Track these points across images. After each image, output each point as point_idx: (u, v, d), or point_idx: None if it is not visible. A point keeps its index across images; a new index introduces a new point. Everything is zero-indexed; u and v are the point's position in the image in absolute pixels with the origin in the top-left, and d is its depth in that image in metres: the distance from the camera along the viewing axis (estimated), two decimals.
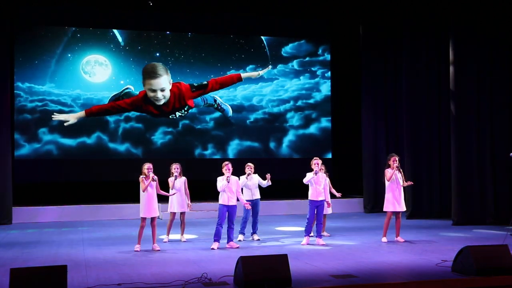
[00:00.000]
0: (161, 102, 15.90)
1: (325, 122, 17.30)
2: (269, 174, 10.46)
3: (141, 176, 9.46)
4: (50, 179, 15.46)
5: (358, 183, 16.33)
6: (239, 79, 16.37)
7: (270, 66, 16.52)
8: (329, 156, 17.20)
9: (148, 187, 9.41)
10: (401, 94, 15.12)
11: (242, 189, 10.35)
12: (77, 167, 15.67)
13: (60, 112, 15.46)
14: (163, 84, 15.98)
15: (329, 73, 17.45)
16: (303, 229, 10.21)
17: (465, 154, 12.83)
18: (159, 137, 16.16)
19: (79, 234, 11.66)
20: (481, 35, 12.85)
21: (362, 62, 16.36)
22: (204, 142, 16.42)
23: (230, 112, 16.45)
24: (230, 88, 16.65)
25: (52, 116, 15.26)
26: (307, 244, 9.83)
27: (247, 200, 10.44)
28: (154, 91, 15.92)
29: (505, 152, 10.47)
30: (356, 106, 16.76)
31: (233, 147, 16.55)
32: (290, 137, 16.98)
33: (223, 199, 9.65)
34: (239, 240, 10.31)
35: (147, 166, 9.48)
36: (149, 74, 15.96)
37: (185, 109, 16.13)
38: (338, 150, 17.56)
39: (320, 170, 10.05)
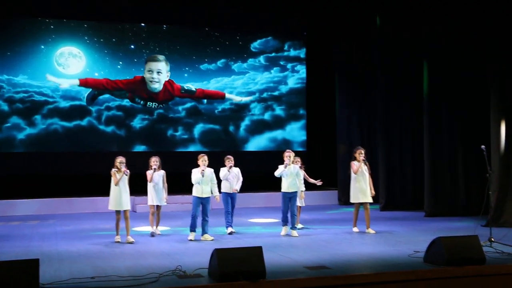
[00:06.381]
0: (155, 85, 16.28)
1: (282, 112, 17.58)
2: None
3: (113, 170, 9.38)
4: (23, 172, 15.24)
5: (333, 175, 16.39)
6: (222, 97, 16.91)
7: (251, 97, 17.20)
8: (303, 149, 17.39)
9: (120, 181, 9.32)
10: (375, 88, 15.20)
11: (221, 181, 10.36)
12: (50, 160, 15.49)
13: (46, 102, 15.46)
14: (160, 67, 16.29)
15: (298, 67, 17.63)
16: (278, 221, 10.23)
17: (437, 146, 12.97)
18: (137, 122, 16.27)
19: (52, 228, 11.50)
20: (456, 28, 12.92)
21: (336, 56, 16.43)
22: (176, 127, 16.63)
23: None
24: (203, 81, 16.77)
25: (47, 76, 15.44)
26: (286, 234, 9.92)
27: (226, 193, 10.42)
28: (151, 71, 16.23)
29: (477, 145, 10.58)
30: (331, 99, 16.82)
31: (198, 129, 16.79)
32: (246, 122, 17.28)
33: (196, 191, 9.64)
34: (229, 233, 10.20)
35: (119, 160, 9.39)
36: (151, 58, 16.37)
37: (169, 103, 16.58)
38: (313, 143, 17.64)
39: (295, 162, 10.18)
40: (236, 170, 10.49)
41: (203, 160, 9.65)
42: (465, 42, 12.89)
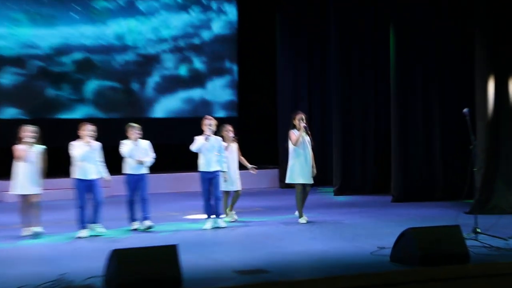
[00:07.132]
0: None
1: (203, 66, 17.78)
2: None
3: (18, 145, 9.37)
4: None
5: (272, 150, 16.42)
6: None
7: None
8: (233, 114, 17.56)
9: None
10: (329, 43, 15.25)
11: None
12: None
13: None
14: None
15: (227, 7, 17.78)
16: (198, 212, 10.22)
17: (408, 113, 13.22)
18: (6, 78, 15.90)
19: None
20: None
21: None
22: (60, 84, 16.44)
23: None
24: (98, 24, 16.55)
25: None
26: (212, 227, 9.97)
27: (131, 175, 10.25)
28: None
29: (457, 111, 10.68)
30: (272, 51, 16.79)
31: (90, 87, 16.69)
32: (156, 78, 17.34)
33: (80, 172, 9.52)
34: (134, 229, 10.08)
35: (27, 129, 9.44)
36: None
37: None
38: (247, 107, 17.61)
39: (225, 132, 10.31)
40: (145, 143, 10.35)
41: (86, 130, 9.52)
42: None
